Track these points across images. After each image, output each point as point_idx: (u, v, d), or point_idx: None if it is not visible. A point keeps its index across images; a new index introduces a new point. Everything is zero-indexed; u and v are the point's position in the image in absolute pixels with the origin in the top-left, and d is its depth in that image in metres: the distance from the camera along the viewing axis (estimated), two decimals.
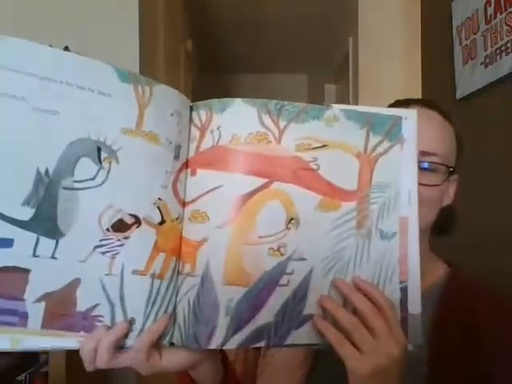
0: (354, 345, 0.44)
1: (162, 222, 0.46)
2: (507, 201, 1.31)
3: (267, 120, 0.47)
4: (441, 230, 0.71)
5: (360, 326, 0.44)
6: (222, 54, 3.81)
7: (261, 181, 0.46)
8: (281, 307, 0.46)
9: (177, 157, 0.47)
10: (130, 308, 0.45)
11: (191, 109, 0.49)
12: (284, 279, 0.46)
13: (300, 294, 0.47)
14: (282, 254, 0.46)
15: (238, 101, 0.47)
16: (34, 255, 0.42)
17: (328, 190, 0.47)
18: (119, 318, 0.45)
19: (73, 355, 1.09)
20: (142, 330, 0.45)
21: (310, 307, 0.47)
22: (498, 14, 1.34)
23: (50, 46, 0.44)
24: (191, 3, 2.86)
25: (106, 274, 0.44)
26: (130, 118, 0.44)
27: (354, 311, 0.46)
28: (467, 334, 0.61)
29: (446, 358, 0.60)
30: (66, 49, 1.54)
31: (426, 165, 0.62)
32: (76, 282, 0.43)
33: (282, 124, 0.47)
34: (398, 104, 0.69)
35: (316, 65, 3.85)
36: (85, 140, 0.43)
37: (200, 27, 3.17)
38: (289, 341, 0.46)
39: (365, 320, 0.45)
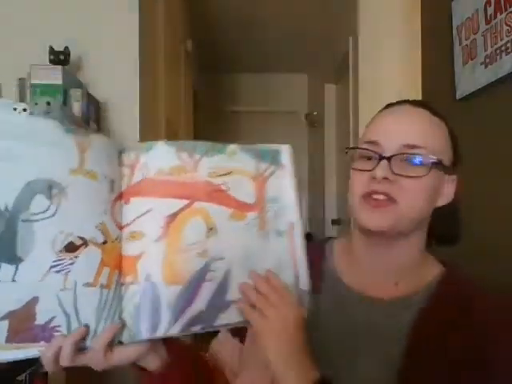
0: (261, 315, 0.58)
1: (105, 241, 0.56)
2: (507, 201, 1.31)
3: (184, 155, 0.60)
4: (445, 239, 0.71)
5: (263, 299, 0.59)
6: (222, 54, 3.81)
7: (183, 202, 0.59)
8: (209, 297, 0.58)
9: (111, 190, 0.57)
10: (83, 316, 0.53)
11: (121, 152, 0.60)
12: (209, 276, 0.59)
13: (223, 285, 0.59)
14: (206, 257, 0.59)
15: (160, 143, 0.60)
16: None
17: (236, 204, 0.62)
18: (74, 326, 0.53)
19: None
20: (95, 332, 0.54)
21: (232, 294, 0.60)
22: (498, 14, 1.34)
23: (51, 46, 0.45)
24: (191, 3, 2.86)
25: (61, 290, 0.52)
26: (73, 160, 0.55)
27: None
28: (461, 334, 0.61)
29: (439, 356, 0.61)
30: (66, 49, 1.54)
31: (410, 157, 0.63)
32: (35, 300, 0.51)
33: (196, 157, 0.60)
34: (389, 106, 0.70)
35: (316, 65, 3.84)
36: (39, 180, 0.52)
37: (200, 27, 3.17)
38: (219, 322, 0.59)
39: (266, 296, 0.59)
